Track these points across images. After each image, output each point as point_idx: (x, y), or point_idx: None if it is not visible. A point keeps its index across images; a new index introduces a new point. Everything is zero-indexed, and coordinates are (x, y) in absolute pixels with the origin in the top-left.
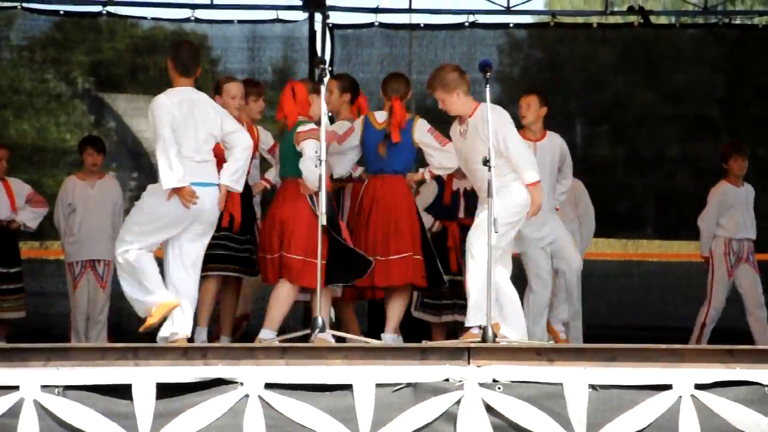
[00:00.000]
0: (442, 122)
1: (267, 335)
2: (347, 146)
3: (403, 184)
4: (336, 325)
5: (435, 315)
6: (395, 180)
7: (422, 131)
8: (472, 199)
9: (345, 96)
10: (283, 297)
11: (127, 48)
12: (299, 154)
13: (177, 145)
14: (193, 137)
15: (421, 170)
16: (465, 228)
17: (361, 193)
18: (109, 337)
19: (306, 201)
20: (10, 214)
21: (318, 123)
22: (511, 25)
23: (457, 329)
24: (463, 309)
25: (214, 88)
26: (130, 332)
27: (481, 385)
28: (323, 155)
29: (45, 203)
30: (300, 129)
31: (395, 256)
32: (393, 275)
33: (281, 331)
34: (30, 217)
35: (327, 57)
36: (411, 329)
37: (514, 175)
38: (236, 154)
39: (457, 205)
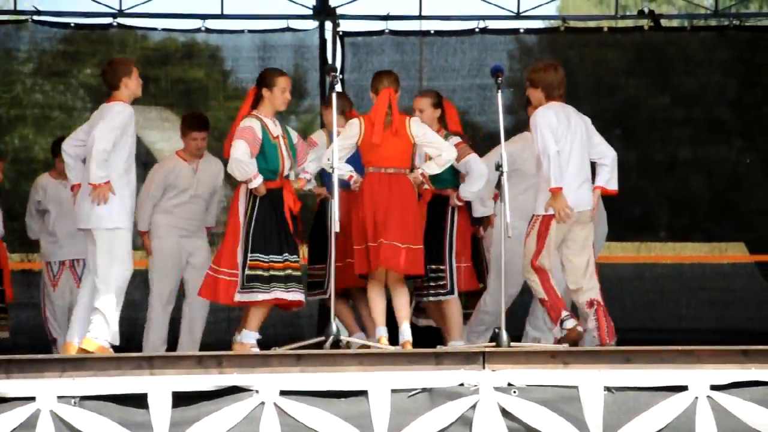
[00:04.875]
0: None
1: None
2: None
3: None
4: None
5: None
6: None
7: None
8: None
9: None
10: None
11: (138, 60)
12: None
13: None
14: None
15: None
16: None
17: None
18: None
19: None
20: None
21: None
22: (522, 30)
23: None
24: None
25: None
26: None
27: (497, 389)
28: (335, 162)
29: None
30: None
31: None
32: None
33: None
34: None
35: (338, 65)
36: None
37: None
38: None
39: None
